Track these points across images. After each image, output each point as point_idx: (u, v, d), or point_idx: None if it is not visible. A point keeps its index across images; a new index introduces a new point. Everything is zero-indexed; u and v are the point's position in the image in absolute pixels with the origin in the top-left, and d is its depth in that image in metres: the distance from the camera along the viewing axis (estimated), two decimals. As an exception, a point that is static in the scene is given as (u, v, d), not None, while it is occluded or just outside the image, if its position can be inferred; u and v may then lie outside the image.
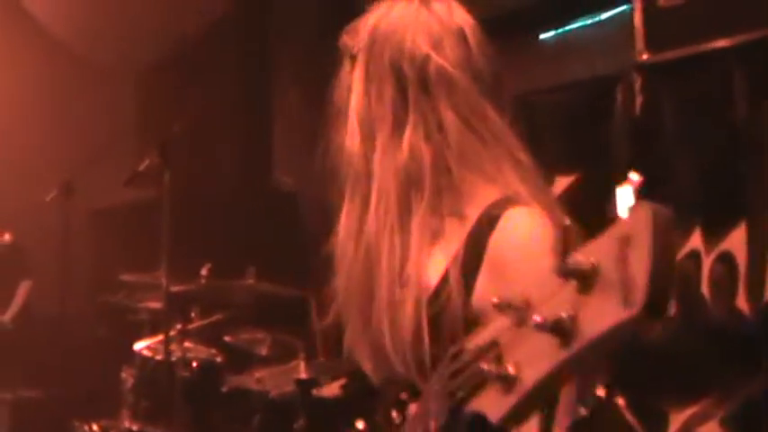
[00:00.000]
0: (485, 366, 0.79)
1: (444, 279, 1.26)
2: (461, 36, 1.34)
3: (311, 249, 5.32)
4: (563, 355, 0.72)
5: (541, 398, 0.79)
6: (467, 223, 1.29)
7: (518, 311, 0.75)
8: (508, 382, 0.78)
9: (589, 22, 5.20)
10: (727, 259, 2.16)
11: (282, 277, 4.65)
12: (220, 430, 4.19)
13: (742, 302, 2.13)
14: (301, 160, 6.38)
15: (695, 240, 2.21)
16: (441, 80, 1.30)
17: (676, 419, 2.23)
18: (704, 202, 2.20)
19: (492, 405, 0.81)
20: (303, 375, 3.95)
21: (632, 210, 0.71)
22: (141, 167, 3.44)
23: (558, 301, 0.71)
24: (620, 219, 0.71)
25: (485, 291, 1.23)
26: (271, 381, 4.27)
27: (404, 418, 1.24)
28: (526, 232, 1.25)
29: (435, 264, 1.30)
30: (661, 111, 2.32)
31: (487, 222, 1.26)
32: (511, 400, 0.79)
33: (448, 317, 1.23)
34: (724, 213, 2.16)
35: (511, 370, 0.78)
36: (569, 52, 5.53)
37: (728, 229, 2.15)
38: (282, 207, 6.23)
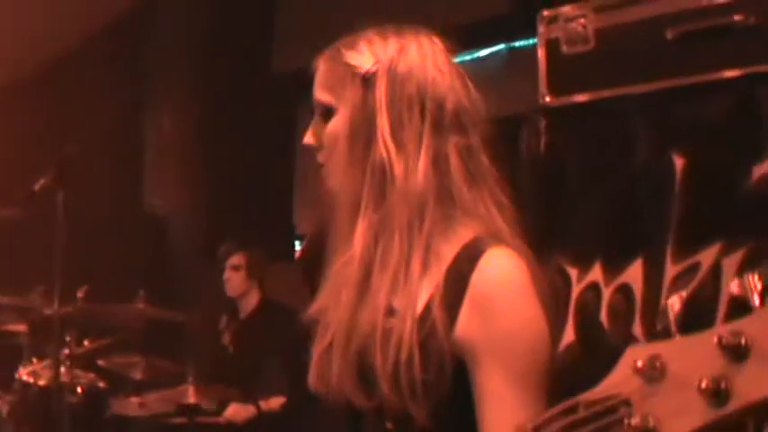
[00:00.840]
0: (625, 420, 0.87)
1: (428, 308, 1.36)
2: (464, 78, 1.47)
3: (182, 274, 5.36)
4: (714, 414, 0.81)
5: None
6: (444, 257, 1.40)
7: (650, 372, 0.83)
8: None
9: (467, 58, 5.45)
10: (624, 291, 2.34)
11: (164, 301, 4.65)
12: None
13: (638, 330, 2.30)
14: (173, 183, 6.38)
15: (596, 274, 2.38)
16: (453, 118, 1.43)
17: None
18: (605, 238, 2.37)
19: None
20: (191, 400, 3.96)
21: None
22: (37, 186, 3.41)
23: (706, 365, 0.81)
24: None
25: (467, 325, 1.34)
26: (153, 406, 4.25)
27: None
28: (507, 272, 1.37)
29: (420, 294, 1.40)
30: (565, 153, 2.48)
31: (468, 259, 1.37)
32: None
33: (433, 345, 1.33)
34: (623, 250, 2.34)
35: (650, 422, 0.85)
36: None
37: (627, 264, 2.33)
38: (155, 231, 6.19)
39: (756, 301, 0.90)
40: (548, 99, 2.57)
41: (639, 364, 0.90)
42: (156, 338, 4.76)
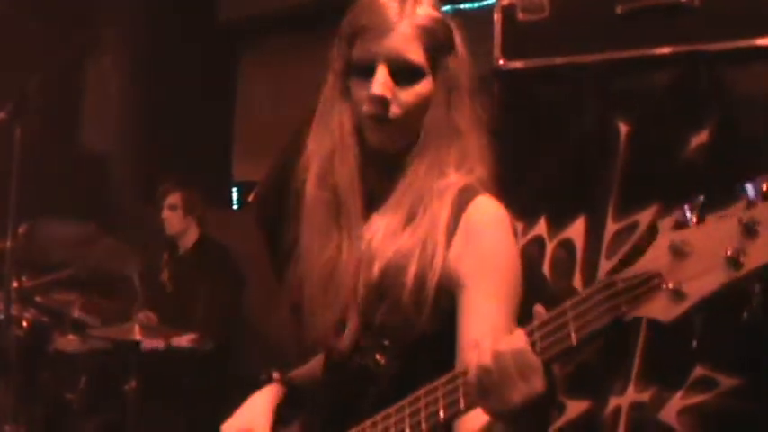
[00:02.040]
0: (661, 284, 1.18)
1: (433, 240, 1.55)
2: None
3: (124, 213, 5.40)
4: (733, 275, 1.13)
5: (702, 308, 1.17)
6: (445, 197, 1.59)
7: (680, 249, 1.17)
8: (678, 295, 1.16)
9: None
10: (567, 245, 2.54)
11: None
12: (47, 392, 4.22)
13: (577, 282, 2.51)
14: (113, 125, 6.39)
15: (541, 228, 2.57)
16: (473, 83, 1.69)
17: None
18: (551, 196, 2.56)
19: (662, 311, 1.18)
20: (137, 336, 4.06)
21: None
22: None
23: (725, 241, 1.14)
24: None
25: (457, 251, 1.59)
26: (95, 342, 4.34)
27: (388, 362, 1.50)
28: (494, 211, 1.60)
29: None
30: (515, 114, 2.65)
31: (464, 201, 1.61)
32: (683, 307, 1.16)
33: (436, 270, 1.52)
34: (567, 207, 2.53)
35: (682, 286, 1.17)
36: None
37: (570, 221, 2.53)
38: (95, 171, 6.20)
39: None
40: (501, 62, 2.72)
41: (671, 243, 1.20)
42: (95, 276, 4.84)
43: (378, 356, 1.56)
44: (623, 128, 2.44)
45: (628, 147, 2.43)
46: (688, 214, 1.25)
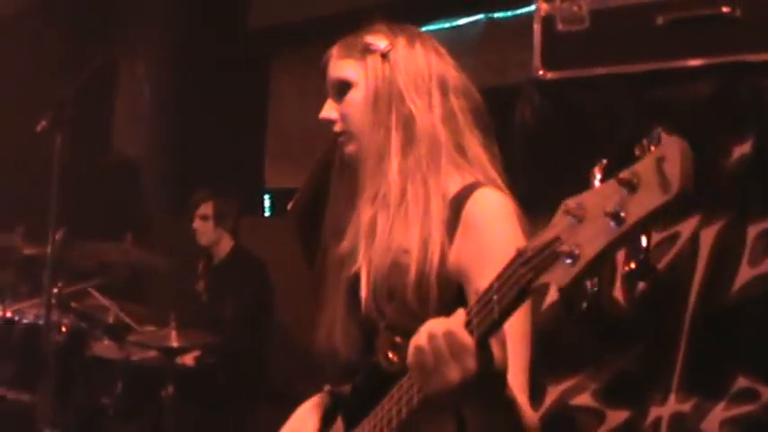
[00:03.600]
0: (557, 249, 1.18)
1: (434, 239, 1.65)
2: (453, 61, 1.90)
3: (159, 222, 5.46)
4: (617, 232, 1.13)
5: (597, 268, 1.18)
6: (447, 197, 1.69)
7: (576, 213, 1.18)
8: (573, 258, 1.16)
9: (446, 25, 5.58)
10: (607, 256, 2.54)
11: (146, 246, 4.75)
12: (84, 398, 4.27)
13: (618, 294, 2.51)
14: (146, 133, 6.45)
15: (581, 238, 2.57)
16: (454, 87, 1.84)
17: (553, 391, 2.59)
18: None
19: (560, 276, 1.18)
20: (174, 343, 4.10)
21: (665, 140, 1.18)
22: (38, 128, 3.49)
23: (610, 200, 1.14)
24: (657, 147, 1.18)
25: (460, 247, 1.67)
26: (133, 348, 4.38)
27: (401, 359, 1.54)
28: (494, 203, 1.70)
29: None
30: (554, 124, 2.66)
31: (464, 195, 1.70)
32: (576, 269, 1.16)
33: (440, 271, 1.65)
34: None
35: (576, 249, 1.16)
36: None
37: (611, 231, 2.53)
38: (128, 178, 6.25)
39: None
40: (541, 73, 2.73)
41: (568, 206, 1.21)
42: (132, 283, 4.88)
43: (390, 354, 1.60)
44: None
45: (669, 157, 2.43)
46: (596, 178, 1.27)
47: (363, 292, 1.74)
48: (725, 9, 2.40)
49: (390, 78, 1.80)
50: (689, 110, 2.43)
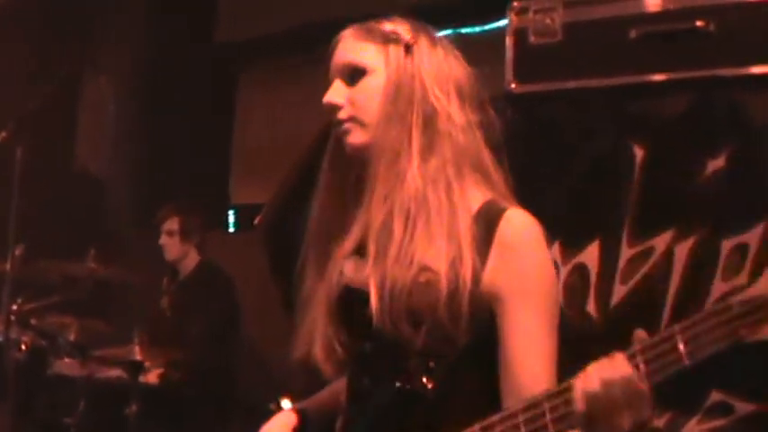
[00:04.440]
0: None
1: (461, 257, 1.53)
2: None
3: (122, 237, 5.35)
4: None
5: None
6: (467, 212, 1.58)
7: None
8: None
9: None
10: (580, 270, 2.52)
11: (109, 262, 4.67)
12: (45, 417, 4.17)
13: (591, 307, 2.49)
14: (109, 147, 6.36)
15: (554, 252, 2.55)
16: (470, 95, 1.72)
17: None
18: (565, 220, 2.54)
19: None
20: (138, 360, 4.01)
21: None
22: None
23: None
24: None
25: (495, 270, 1.56)
26: (96, 366, 4.29)
27: (435, 384, 1.48)
28: (530, 225, 1.59)
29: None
30: (528, 138, 2.64)
31: (493, 215, 1.60)
32: None
33: (470, 291, 1.53)
34: (581, 231, 2.51)
35: None
36: None
37: (584, 245, 2.51)
38: (91, 192, 6.17)
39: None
40: (513, 86, 2.71)
41: None
42: (95, 299, 4.79)
43: (425, 379, 1.54)
44: (639, 152, 2.43)
45: (643, 171, 2.42)
46: None
47: (374, 306, 1.57)
48: (699, 23, 2.39)
49: (413, 72, 1.66)
50: (663, 124, 2.42)
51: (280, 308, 4.86)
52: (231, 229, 6.48)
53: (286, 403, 2.05)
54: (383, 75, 1.66)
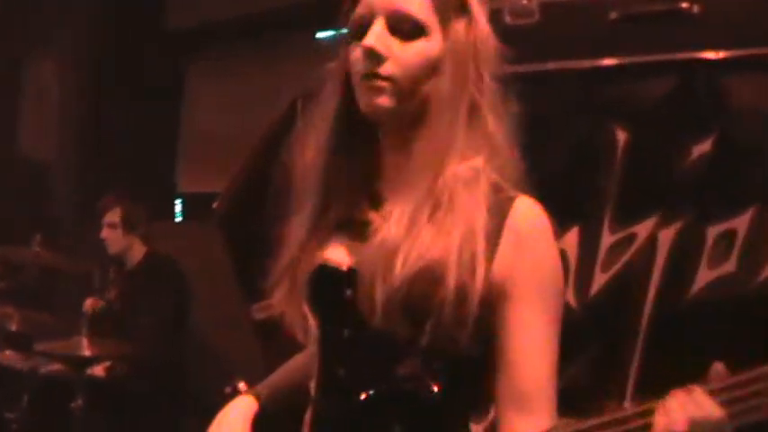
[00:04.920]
0: None
1: (471, 247, 1.39)
2: None
3: (68, 223, 5.17)
4: None
5: None
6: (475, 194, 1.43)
7: None
8: None
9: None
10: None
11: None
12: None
13: (570, 297, 2.41)
14: (52, 134, 6.16)
15: (531, 239, 2.47)
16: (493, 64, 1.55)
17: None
18: (543, 205, 2.45)
19: None
20: (85, 353, 3.85)
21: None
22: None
23: None
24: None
25: (504, 260, 1.41)
26: (40, 359, 4.12)
27: (440, 387, 1.40)
28: (540, 215, 1.44)
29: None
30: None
31: (503, 202, 1.42)
32: None
33: (478, 280, 1.38)
34: (559, 217, 2.43)
35: None
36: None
37: (563, 232, 2.43)
38: (34, 179, 5.98)
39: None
40: (488, 68, 2.62)
41: None
42: (39, 288, 4.61)
43: (430, 383, 1.42)
44: (621, 135, 2.36)
45: (626, 154, 2.35)
46: None
47: (378, 298, 1.39)
48: (684, 5, 2.32)
49: (472, 54, 1.48)
50: (646, 107, 2.35)
51: (230, 299, 4.75)
52: (178, 219, 6.31)
53: (242, 386, 1.93)
54: (441, 45, 1.45)
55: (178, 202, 6.31)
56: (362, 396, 1.46)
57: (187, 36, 6.26)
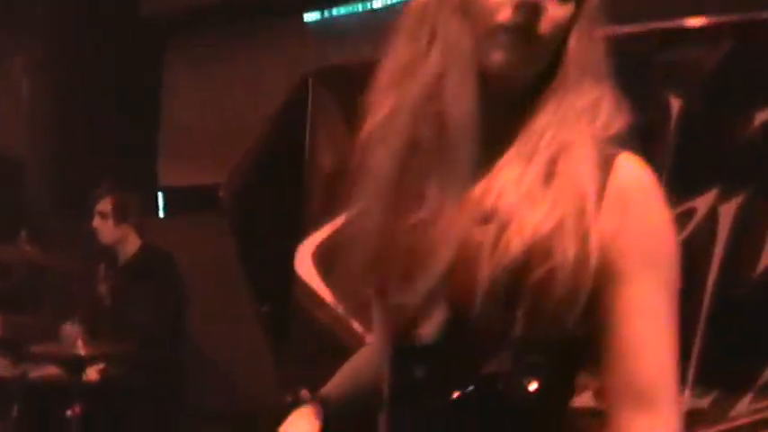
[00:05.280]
0: None
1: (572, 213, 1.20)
2: None
3: (52, 220, 4.88)
4: None
5: None
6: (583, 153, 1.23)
7: None
8: None
9: (359, 9, 5.29)
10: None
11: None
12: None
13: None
14: (28, 128, 5.92)
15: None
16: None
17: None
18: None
19: None
20: (81, 354, 3.63)
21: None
22: None
23: None
24: None
25: (608, 226, 1.20)
26: (30, 364, 3.90)
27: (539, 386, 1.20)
28: (649, 175, 1.23)
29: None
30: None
31: (605, 161, 1.22)
32: None
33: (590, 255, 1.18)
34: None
35: None
36: (333, 37, 5.56)
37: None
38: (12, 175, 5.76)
39: None
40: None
41: None
42: (18, 292, 4.39)
43: (525, 381, 1.21)
44: (675, 103, 2.20)
45: (680, 124, 2.19)
46: None
47: (483, 277, 1.19)
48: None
49: (596, 15, 1.29)
50: (703, 73, 2.19)
51: (223, 296, 4.56)
52: (161, 214, 6.09)
53: (304, 394, 1.74)
54: (574, 9, 1.26)
55: (160, 196, 6.09)
56: (448, 399, 1.27)
57: (165, 23, 6.03)
